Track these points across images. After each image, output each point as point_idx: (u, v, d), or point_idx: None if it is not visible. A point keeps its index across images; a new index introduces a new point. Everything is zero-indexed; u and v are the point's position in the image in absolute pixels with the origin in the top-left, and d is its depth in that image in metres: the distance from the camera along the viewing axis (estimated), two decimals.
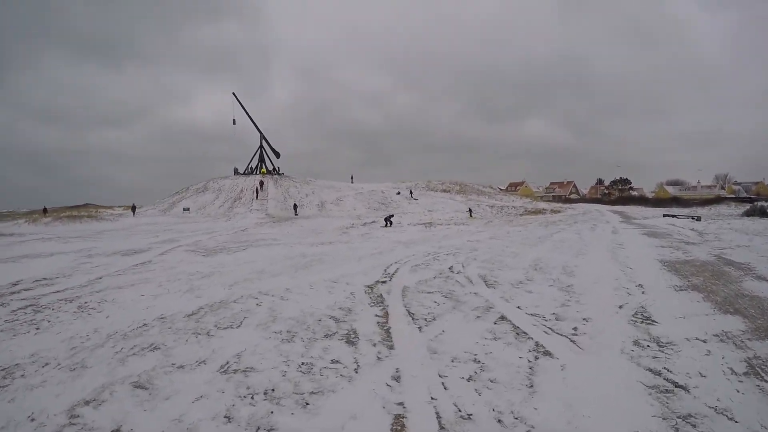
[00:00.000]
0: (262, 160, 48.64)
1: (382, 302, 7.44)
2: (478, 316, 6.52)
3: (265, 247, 16.47)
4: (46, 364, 4.90)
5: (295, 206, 38.25)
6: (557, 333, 5.69)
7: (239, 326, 6.18)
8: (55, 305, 7.71)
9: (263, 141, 48.64)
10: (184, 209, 36.29)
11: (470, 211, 36.52)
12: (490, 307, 7.00)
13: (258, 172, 47.56)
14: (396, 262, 11.70)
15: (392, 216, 28.47)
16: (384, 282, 9.11)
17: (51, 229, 25.51)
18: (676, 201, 68.31)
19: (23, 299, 8.23)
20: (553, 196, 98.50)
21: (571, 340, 5.40)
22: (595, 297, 7.61)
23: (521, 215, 37.43)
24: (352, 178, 53.80)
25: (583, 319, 6.30)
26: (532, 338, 5.50)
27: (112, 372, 4.62)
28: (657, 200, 73.42)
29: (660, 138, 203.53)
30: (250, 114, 47.21)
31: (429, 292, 8.09)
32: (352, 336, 5.68)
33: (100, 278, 10.33)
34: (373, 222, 29.75)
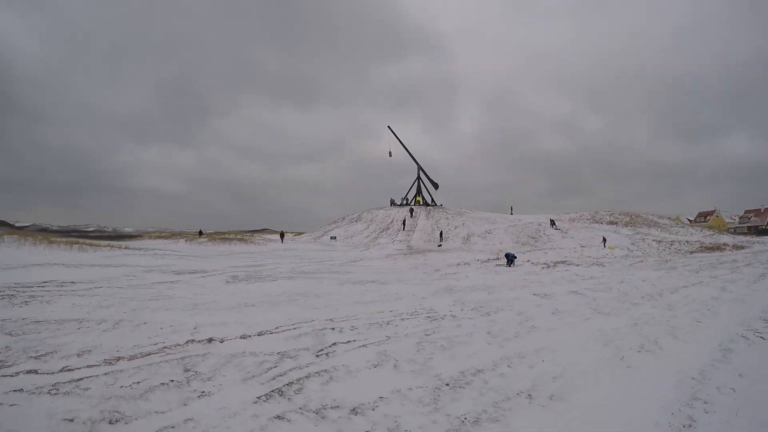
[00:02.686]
0: (419, 191, 47.62)
1: None
2: None
3: (302, 280, 14.83)
4: None
5: (441, 234, 36.12)
6: None
7: None
8: (19, 298, 9.14)
9: (420, 172, 47.68)
10: (331, 238, 37.55)
11: (604, 240, 30.94)
12: None
13: (413, 203, 46.60)
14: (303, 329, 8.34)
15: (514, 257, 22.80)
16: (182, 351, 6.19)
17: (189, 247, 29.33)
18: None
19: (16, 291, 9.91)
20: (748, 226, 77.14)
21: None
22: None
23: (691, 252, 26.30)
24: (511, 209, 47.67)
25: None
26: None
27: None
28: None
29: None
30: (406, 146, 47.13)
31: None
32: None
33: (100, 287, 11.26)
34: (497, 258, 24.79)
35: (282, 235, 38.23)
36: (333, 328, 7.61)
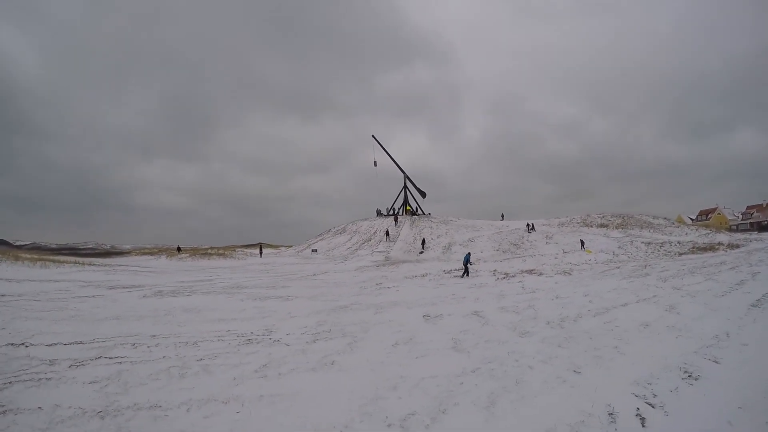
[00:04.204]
0: (406, 200, 44.70)
1: None
2: None
3: (215, 296, 13.38)
4: None
5: (423, 242, 33.07)
6: None
7: None
8: None
9: (407, 181, 44.75)
10: (312, 250, 34.96)
11: (582, 243, 27.83)
12: None
13: (403, 213, 43.73)
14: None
15: (469, 263, 20.05)
16: None
17: (161, 263, 27.60)
18: None
19: None
20: (750, 222, 70.18)
21: None
22: None
23: (680, 254, 22.51)
24: (502, 215, 44.09)
25: None
26: None
27: None
28: None
29: None
30: (391, 155, 44.30)
31: None
32: None
33: (20, 300, 11.12)
34: (460, 269, 22.05)
35: (260, 249, 36.01)
36: (134, 344, 7.10)
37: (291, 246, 44.03)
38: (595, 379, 4.84)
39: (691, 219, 76.88)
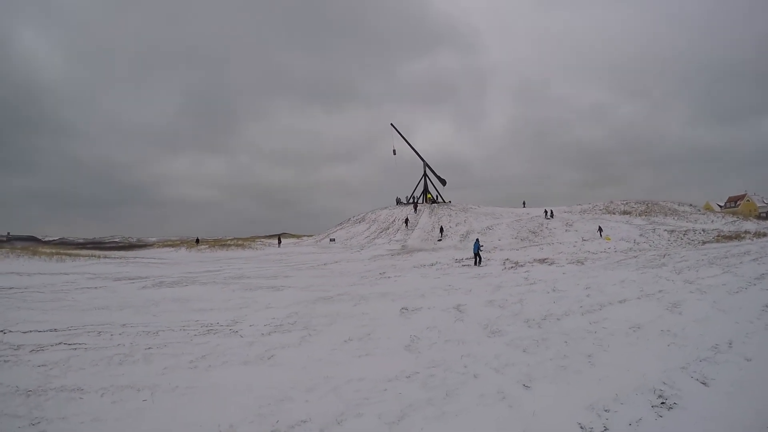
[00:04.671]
0: (426, 188, 43.65)
1: None
2: None
3: (209, 286, 13.34)
4: None
5: (441, 230, 32.41)
6: None
7: None
8: None
9: (427, 169, 43.64)
10: (330, 240, 34.76)
11: (600, 229, 26.61)
12: None
13: (423, 201, 42.80)
14: None
15: (480, 248, 19.12)
16: None
17: (178, 255, 28.12)
18: None
19: None
20: None
21: None
22: None
23: (704, 243, 20.63)
24: (524, 203, 42.32)
25: None
26: None
27: None
28: None
29: None
30: (411, 143, 43.30)
31: None
32: None
33: (23, 291, 11.82)
34: (472, 258, 21.21)
35: (279, 240, 36.10)
36: (99, 333, 7.23)
37: (312, 235, 44.13)
38: (543, 398, 4.02)
39: (719, 206, 72.16)
